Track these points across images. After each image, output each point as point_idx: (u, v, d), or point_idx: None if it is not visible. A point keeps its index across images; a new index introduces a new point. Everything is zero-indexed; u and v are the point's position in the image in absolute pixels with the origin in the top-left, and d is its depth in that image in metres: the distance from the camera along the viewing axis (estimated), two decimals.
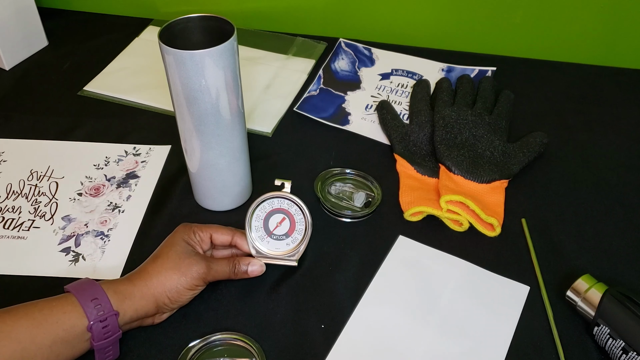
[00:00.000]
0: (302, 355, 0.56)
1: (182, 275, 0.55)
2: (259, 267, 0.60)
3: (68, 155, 0.77)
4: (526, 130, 0.78)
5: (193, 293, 0.57)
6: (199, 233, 0.59)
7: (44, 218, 0.69)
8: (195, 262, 0.56)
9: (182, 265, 0.55)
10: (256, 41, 0.96)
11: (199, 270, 0.56)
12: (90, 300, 0.51)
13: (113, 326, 0.51)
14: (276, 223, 0.61)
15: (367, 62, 0.92)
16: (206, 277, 0.57)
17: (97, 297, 0.51)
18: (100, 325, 0.50)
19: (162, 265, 0.55)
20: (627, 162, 0.76)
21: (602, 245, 0.66)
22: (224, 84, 0.58)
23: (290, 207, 0.61)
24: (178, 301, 0.56)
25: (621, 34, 0.89)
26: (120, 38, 0.97)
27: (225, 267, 0.58)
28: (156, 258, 0.56)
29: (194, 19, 0.60)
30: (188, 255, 0.56)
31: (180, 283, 0.55)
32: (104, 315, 0.51)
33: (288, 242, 0.61)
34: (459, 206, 0.66)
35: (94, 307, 0.50)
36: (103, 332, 0.51)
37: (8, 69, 0.92)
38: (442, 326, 0.58)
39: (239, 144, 0.64)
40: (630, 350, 0.52)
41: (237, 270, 0.59)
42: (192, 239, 0.58)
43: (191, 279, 0.55)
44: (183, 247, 0.57)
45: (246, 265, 0.59)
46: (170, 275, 0.55)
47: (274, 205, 0.61)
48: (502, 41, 0.93)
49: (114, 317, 0.51)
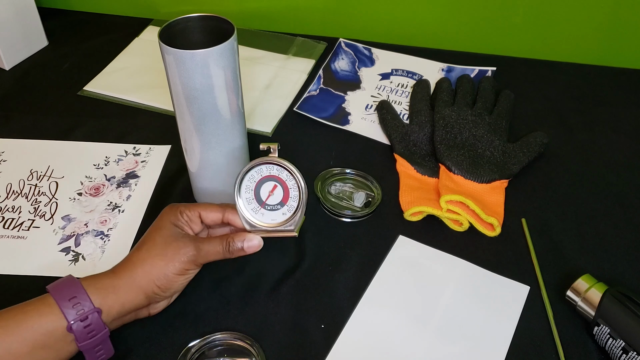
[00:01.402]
0: (302, 355, 0.56)
1: (170, 261, 0.51)
2: (256, 242, 0.55)
3: (68, 155, 0.77)
4: (526, 130, 0.78)
5: (185, 278, 0.53)
6: (186, 213, 0.55)
7: (44, 218, 0.69)
8: (182, 245, 0.52)
9: (168, 250, 0.52)
10: (256, 41, 0.96)
11: (187, 253, 0.52)
12: (68, 300, 0.48)
13: (97, 324, 0.48)
14: (268, 192, 0.56)
15: (367, 62, 0.92)
16: (196, 259, 0.53)
17: (76, 295, 0.48)
18: (81, 325, 0.48)
19: (148, 252, 0.52)
20: (627, 162, 0.76)
21: (602, 245, 0.66)
22: (224, 84, 0.58)
23: (280, 173, 0.55)
24: (170, 289, 0.53)
25: (621, 34, 0.89)
26: (120, 38, 0.97)
27: (217, 246, 0.54)
28: (142, 245, 0.53)
29: (194, 18, 0.60)
30: (175, 239, 0.52)
31: (169, 269, 0.51)
32: (84, 314, 0.48)
33: (284, 211, 0.56)
34: (459, 206, 0.66)
35: (73, 307, 0.48)
36: (86, 332, 0.48)
37: (8, 69, 0.92)
38: (442, 326, 0.58)
39: (239, 144, 0.64)
40: (630, 350, 0.52)
41: (231, 248, 0.54)
42: (180, 220, 0.54)
43: (180, 264, 0.52)
44: (170, 230, 0.53)
45: (241, 241, 0.54)
46: (156, 263, 0.51)
47: (263, 173, 0.55)
48: (502, 41, 0.93)
49: (95, 314, 0.48)
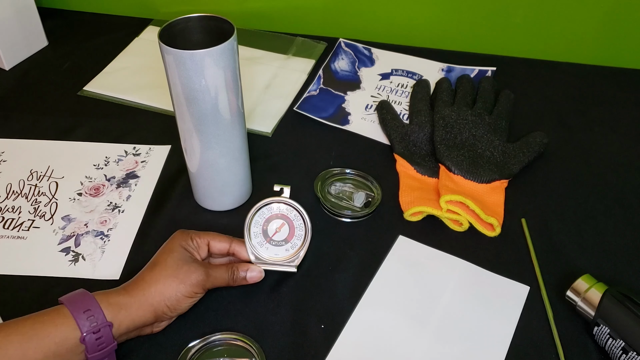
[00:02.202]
0: (302, 355, 0.56)
1: (181, 282, 0.54)
2: (257, 274, 0.59)
3: (68, 155, 0.77)
4: (526, 130, 0.78)
5: (192, 301, 0.56)
6: (196, 239, 0.58)
7: (43, 218, 0.69)
8: (194, 269, 0.55)
9: (180, 273, 0.54)
10: (256, 41, 0.96)
11: (198, 277, 0.55)
12: (83, 312, 0.50)
13: (107, 337, 0.50)
14: (275, 229, 0.60)
15: (367, 62, 0.92)
16: (205, 284, 0.56)
17: (90, 308, 0.50)
18: (93, 337, 0.50)
19: (160, 273, 0.54)
20: (627, 162, 0.76)
21: (602, 245, 0.66)
22: (224, 84, 0.58)
23: (289, 213, 0.60)
24: (177, 309, 0.55)
25: (621, 34, 0.89)
26: (120, 38, 0.97)
27: (224, 273, 0.58)
28: (154, 266, 0.55)
29: (194, 19, 0.60)
30: (186, 262, 0.55)
31: (180, 291, 0.54)
32: (97, 327, 0.50)
33: (287, 247, 0.60)
34: (459, 206, 0.66)
35: (87, 319, 0.50)
36: (97, 344, 0.50)
37: (8, 69, 0.92)
38: (442, 326, 0.58)
39: (238, 144, 0.64)
40: (630, 350, 0.52)
41: (235, 276, 0.58)
42: (190, 246, 0.57)
43: (190, 287, 0.54)
44: (181, 253, 0.56)
45: (245, 271, 0.59)
46: (169, 283, 0.54)
47: (273, 211, 0.60)
48: (502, 41, 0.93)
49: (107, 328, 0.50)
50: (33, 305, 0.53)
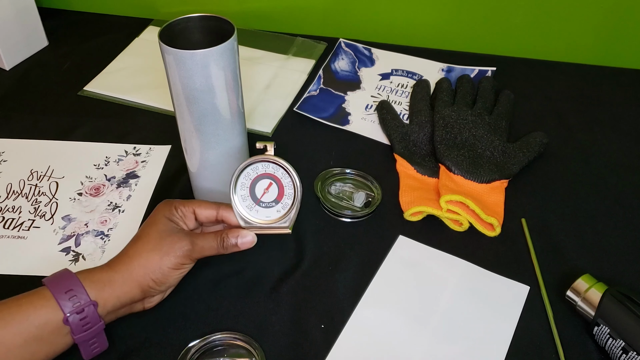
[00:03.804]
0: (302, 355, 0.56)
1: (165, 254, 0.52)
2: (250, 238, 0.56)
3: (68, 155, 0.77)
4: (526, 130, 0.78)
5: (180, 272, 0.54)
6: (180, 208, 0.56)
7: (44, 218, 0.69)
8: (178, 239, 0.53)
9: (164, 245, 0.52)
10: (256, 41, 0.96)
11: (182, 248, 0.53)
12: (65, 292, 0.48)
13: (93, 317, 0.49)
14: (263, 189, 0.57)
15: (367, 62, 0.92)
16: (191, 254, 0.54)
17: (72, 288, 0.49)
18: (77, 317, 0.48)
19: (143, 247, 0.52)
20: (627, 162, 0.76)
21: (602, 245, 0.66)
22: (224, 84, 0.58)
23: (276, 171, 0.56)
24: (164, 283, 0.53)
25: (621, 34, 0.89)
26: (120, 38, 0.97)
27: (212, 241, 0.55)
28: (137, 239, 0.54)
29: (194, 19, 0.60)
30: (170, 233, 0.53)
31: (164, 263, 0.52)
32: (81, 307, 0.48)
33: (278, 208, 0.57)
34: (459, 206, 0.66)
35: (69, 299, 0.48)
36: (82, 324, 0.48)
37: (8, 69, 0.92)
38: (442, 326, 0.58)
39: (239, 144, 0.64)
40: (630, 350, 0.52)
41: (225, 244, 0.55)
42: (175, 215, 0.55)
43: (175, 258, 0.53)
44: (165, 224, 0.54)
45: (235, 237, 0.55)
46: (152, 257, 0.52)
47: (259, 171, 0.56)
48: (502, 41, 0.93)
49: (92, 307, 0.49)
50: None
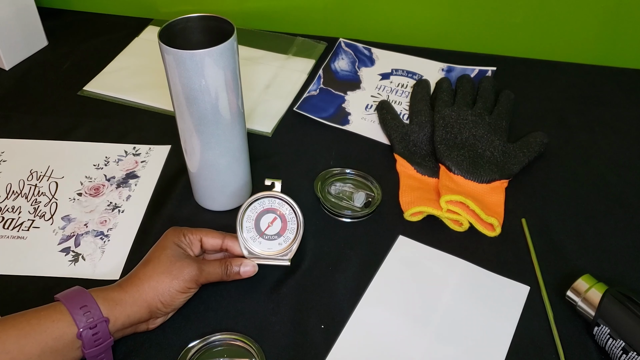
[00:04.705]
0: (302, 355, 0.56)
1: (174, 278, 0.55)
2: (251, 268, 0.59)
3: (68, 155, 0.77)
4: (526, 130, 0.78)
5: (186, 296, 0.57)
6: (189, 236, 0.59)
7: (43, 218, 0.69)
8: (186, 264, 0.56)
9: (173, 269, 0.55)
10: (256, 41, 0.96)
11: (190, 273, 0.56)
12: (79, 308, 0.51)
13: (104, 333, 0.51)
14: (267, 223, 0.61)
15: (367, 62, 0.92)
16: (198, 279, 0.56)
17: (87, 304, 0.51)
18: (90, 332, 0.50)
19: (154, 270, 0.55)
20: (627, 162, 0.76)
21: (602, 245, 0.66)
22: (224, 84, 0.58)
23: (281, 207, 0.61)
24: (171, 305, 0.56)
25: (621, 34, 0.89)
26: (120, 38, 0.97)
27: (217, 268, 0.58)
28: (147, 262, 0.56)
29: (194, 19, 0.60)
30: (179, 258, 0.56)
31: (173, 286, 0.55)
32: (94, 322, 0.51)
33: (280, 241, 0.60)
34: (459, 206, 0.66)
35: (83, 315, 0.50)
36: (93, 339, 0.51)
37: (8, 69, 0.92)
38: (442, 326, 0.58)
39: (238, 144, 0.64)
40: (631, 350, 0.52)
41: (229, 271, 0.59)
42: (183, 242, 0.58)
43: (183, 282, 0.55)
44: (174, 250, 0.56)
45: (238, 266, 0.59)
46: (162, 279, 0.54)
47: (265, 205, 0.61)
48: (502, 41, 0.93)
49: (104, 323, 0.51)
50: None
